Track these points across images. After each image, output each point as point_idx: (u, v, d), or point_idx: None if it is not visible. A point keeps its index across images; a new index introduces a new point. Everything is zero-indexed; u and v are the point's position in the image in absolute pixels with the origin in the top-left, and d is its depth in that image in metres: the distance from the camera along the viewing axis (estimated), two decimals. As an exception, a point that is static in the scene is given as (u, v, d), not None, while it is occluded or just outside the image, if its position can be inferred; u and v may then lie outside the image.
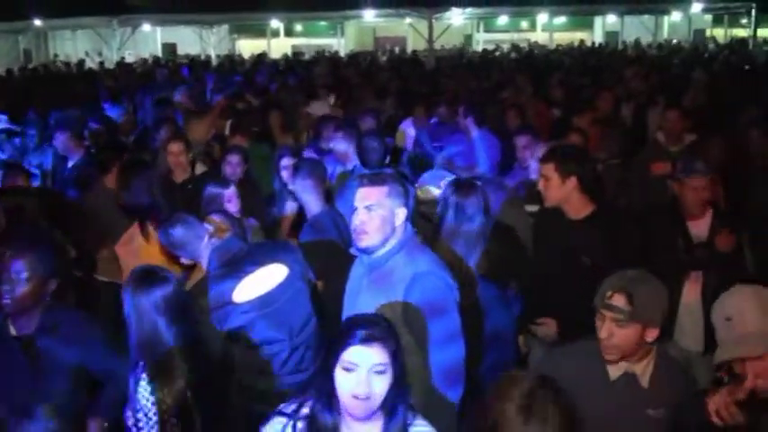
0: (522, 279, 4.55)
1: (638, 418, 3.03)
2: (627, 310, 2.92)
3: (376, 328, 2.52)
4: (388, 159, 5.83)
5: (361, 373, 2.44)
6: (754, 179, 6.21)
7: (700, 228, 4.70)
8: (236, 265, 3.78)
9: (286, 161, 5.81)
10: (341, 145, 6.05)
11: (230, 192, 5.08)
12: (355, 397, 2.43)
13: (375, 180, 3.44)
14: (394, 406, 2.54)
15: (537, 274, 4.61)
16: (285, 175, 5.72)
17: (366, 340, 2.46)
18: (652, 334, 2.98)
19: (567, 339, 3.39)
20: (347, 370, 2.45)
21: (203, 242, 4.04)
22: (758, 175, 6.25)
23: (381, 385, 2.47)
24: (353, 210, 3.43)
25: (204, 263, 3.96)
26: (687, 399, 2.79)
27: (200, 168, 6.57)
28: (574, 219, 4.41)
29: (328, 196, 5.14)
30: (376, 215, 3.36)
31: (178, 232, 4.08)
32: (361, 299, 3.53)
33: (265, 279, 3.66)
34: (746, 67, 18.25)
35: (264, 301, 3.63)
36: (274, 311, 3.66)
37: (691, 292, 4.68)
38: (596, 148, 7.24)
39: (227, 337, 3.71)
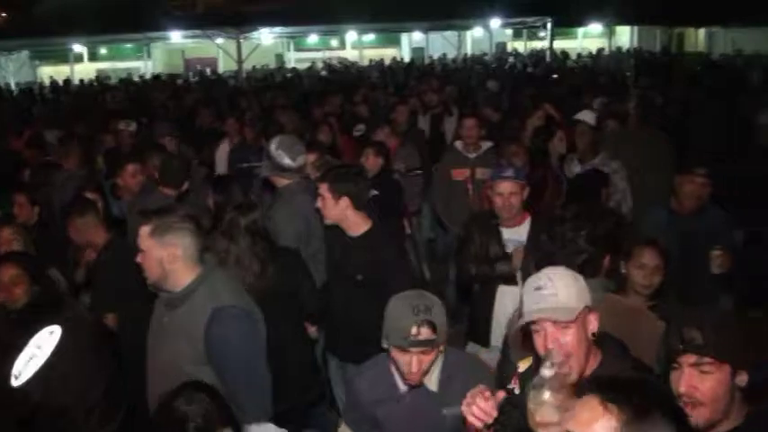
0: (307, 302, 4.59)
1: (434, 420, 3.14)
2: (434, 339, 3.01)
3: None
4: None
5: None
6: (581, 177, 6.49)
7: (517, 234, 4.77)
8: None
9: None
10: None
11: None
12: None
13: (147, 218, 3.38)
14: None
15: (329, 293, 4.70)
16: None
17: None
18: (443, 345, 3.11)
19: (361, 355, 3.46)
20: None
21: None
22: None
23: None
24: None
25: None
26: None
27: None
28: (351, 236, 4.51)
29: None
30: (145, 255, 3.34)
31: None
32: (162, 339, 3.46)
33: (38, 350, 3.46)
34: (554, 75, 19.32)
35: (44, 375, 3.42)
36: (60, 378, 3.46)
37: (505, 300, 4.72)
38: (396, 159, 7.48)
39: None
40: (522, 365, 2.86)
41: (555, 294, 2.53)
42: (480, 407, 2.45)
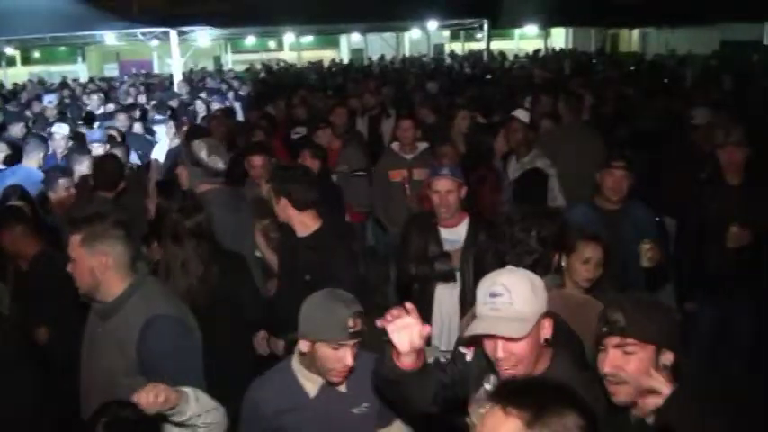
0: (248, 305, 4.53)
1: (345, 421, 3.14)
2: (362, 330, 3.02)
3: None
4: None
5: None
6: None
7: (456, 235, 4.78)
8: None
9: None
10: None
11: None
12: None
13: (76, 227, 3.31)
14: None
15: (278, 294, 4.69)
16: None
17: None
18: None
19: None
20: None
21: None
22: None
23: None
24: None
25: None
26: None
27: None
28: (299, 236, 4.51)
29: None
30: (76, 264, 3.28)
31: None
32: (96, 351, 3.39)
33: None
34: (488, 76, 19.49)
35: None
36: None
37: (443, 299, 4.77)
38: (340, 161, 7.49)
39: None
40: None
41: (511, 303, 2.53)
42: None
